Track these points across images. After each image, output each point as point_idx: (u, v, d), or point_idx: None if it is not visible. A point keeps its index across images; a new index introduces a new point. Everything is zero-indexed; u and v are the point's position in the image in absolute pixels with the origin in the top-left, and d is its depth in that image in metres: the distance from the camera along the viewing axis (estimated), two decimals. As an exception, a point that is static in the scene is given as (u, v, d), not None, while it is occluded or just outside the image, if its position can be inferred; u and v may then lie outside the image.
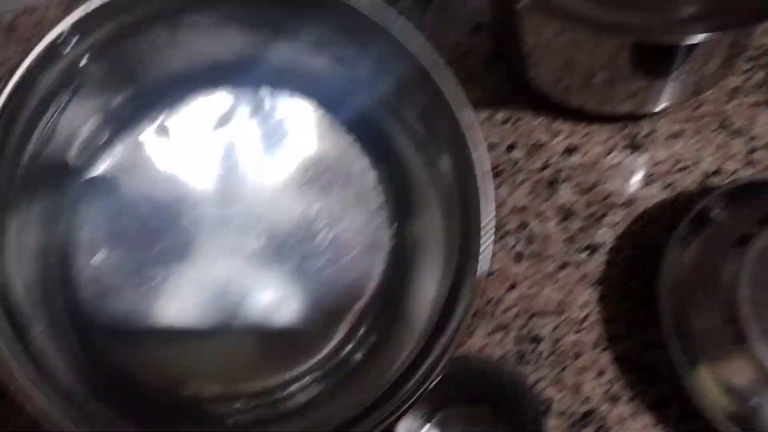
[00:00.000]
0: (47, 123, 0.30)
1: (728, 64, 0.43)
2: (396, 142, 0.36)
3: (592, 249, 0.41)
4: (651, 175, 0.43)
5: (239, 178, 0.34)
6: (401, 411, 0.27)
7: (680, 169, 0.43)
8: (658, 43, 0.38)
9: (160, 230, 0.33)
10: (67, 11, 0.57)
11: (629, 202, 0.43)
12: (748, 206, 0.38)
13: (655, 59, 0.40)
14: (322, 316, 0.34)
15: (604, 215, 0.42)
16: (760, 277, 0.34)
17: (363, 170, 0.36)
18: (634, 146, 0.45)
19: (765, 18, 0.36)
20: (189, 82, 0.34)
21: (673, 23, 0.37)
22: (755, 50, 0.47)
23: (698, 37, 0.36)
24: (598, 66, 0.41)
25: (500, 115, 0.47)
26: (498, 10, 0.47)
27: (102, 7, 0.29)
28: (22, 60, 0.27)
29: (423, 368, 0.28)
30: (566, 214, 0.43)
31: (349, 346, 0.35)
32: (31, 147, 0.29)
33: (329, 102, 0.36)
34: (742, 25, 0.36)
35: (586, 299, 0.40)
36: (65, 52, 0.29)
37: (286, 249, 0.34)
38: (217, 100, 0.35)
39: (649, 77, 0.41)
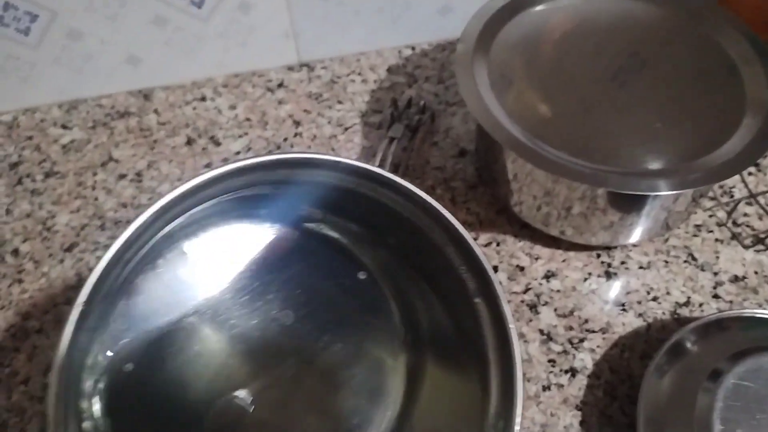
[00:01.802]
0: None
1: (694, 204, 0.47)
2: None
3: (573, 372, 0.43)
4: (624, 303, 0.46)
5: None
6: None
7: (652, 299, 0.46)
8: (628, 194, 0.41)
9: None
10: (70, 112, 0.60)
11: (606, 329, 0.45)
12: (718, 341, 0.41)
13: (627, 201, 0.44)
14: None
15: (582, 340, 0.45)
16: (731, 413, 0.36)
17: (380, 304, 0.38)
18: (609, 274, 0.48)
19: (722, 178, 0.40)
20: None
21: (642, 175, 0.41)
22: (716, 190, 0.52)
23: (661, 192, 0.40)
24: (575, 200, 0.44)
25: (484, 238, 0.50)
26: (483, 141, 0.51)
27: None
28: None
29: None
30: (547, 336, 0.45)
31: None
32: None
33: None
34: (701, 184, 0.40)
35: (568, 422, 0.41)
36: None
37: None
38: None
39: (622, 213, 0.44)
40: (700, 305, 0.46)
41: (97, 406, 0.31)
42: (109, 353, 0.32)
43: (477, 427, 0.33)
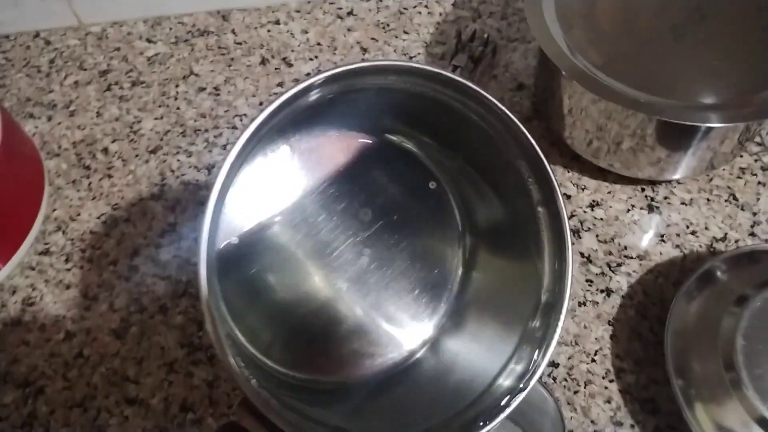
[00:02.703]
0: None
1: (740, 146, 0.49)
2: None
3: (608, 292, 0.47)
4: (664, 235, 0.49)
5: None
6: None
7: (691, 233, 0.49)
8: (680, 123, 0.44)
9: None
10: (154, 28, 0.64)
11: (643, 256, 0.48)
12: (748, 271, 0.44)
13: (676, 135, 0.46)
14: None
15: (620, 264, 0.48)
16: (754, 332, 0.40)
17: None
18: (651, 207, 0.50)
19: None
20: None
21: (696, 108, 0.43)
22: (765, 137, 0.53)
23: (714, 124, 0.42)
24: (626, 134, 0.47)
25: (535, 167, 0.53)
26: (542, 75, 0.54)
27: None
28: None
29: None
30: (587, 259, 0.48)
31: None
32: None
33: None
34: (752, 119, 0.42)
35: (599, 335, 0.45)
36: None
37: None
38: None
39: (670, 149, 0.47)
40: (736, 241, 0.48)
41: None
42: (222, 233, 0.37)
43: (530, 301, 0.38)
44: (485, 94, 0.36)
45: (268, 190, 0.39)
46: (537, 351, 0.36)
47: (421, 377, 0.41)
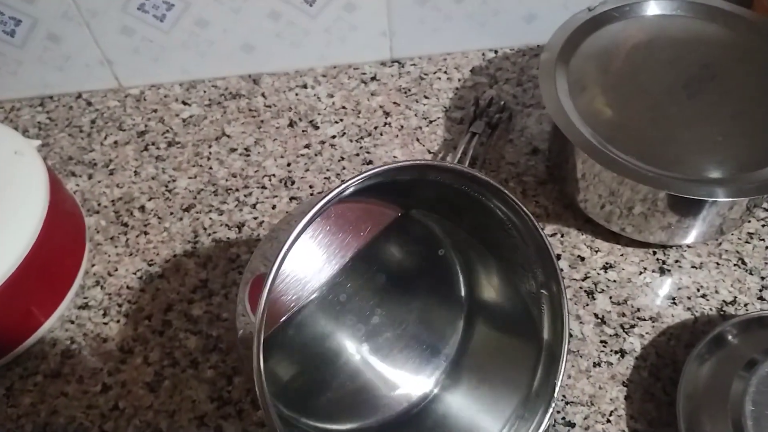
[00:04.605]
0: None
1: (748, 213, 0.51)
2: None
3: (622, 353, 0.49)
4: (675, 297, 0.51)
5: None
6: None
7: (701, 296, 0.51)
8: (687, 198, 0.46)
9: None
10: (189, 91, 0.68)
11: (656, 318, 0.50)
12: (757, 336, 0.46)
13: (685, 204, 0.48)
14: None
15: (633, 326, 0.50)
16: (762, 397, 0.41)
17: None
18: (663, 270, 0.52)
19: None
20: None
21: (702, 182, 0.46)
22: (771, 202, 0.56)
23: (719, 199, 0.44)
24: (637, 200, 0.49)
25: (549, 229, 0.55)
26: (556, 142, 0.56)
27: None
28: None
29: None
30: (601, 320, 0.50)
31: None
32: None
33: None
34: (755, 194, 0.45)
35: (614, 396, 0.47)
36: None
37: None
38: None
39: (680, 216, 0.49)
40: (745, 305, 0.50)
41: None
42: None
43: (525, 372, 0.42)
44: (504, 189, 0.39)
45: (295, 251, 0.42)
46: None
47: (425, 428, 0.44)
